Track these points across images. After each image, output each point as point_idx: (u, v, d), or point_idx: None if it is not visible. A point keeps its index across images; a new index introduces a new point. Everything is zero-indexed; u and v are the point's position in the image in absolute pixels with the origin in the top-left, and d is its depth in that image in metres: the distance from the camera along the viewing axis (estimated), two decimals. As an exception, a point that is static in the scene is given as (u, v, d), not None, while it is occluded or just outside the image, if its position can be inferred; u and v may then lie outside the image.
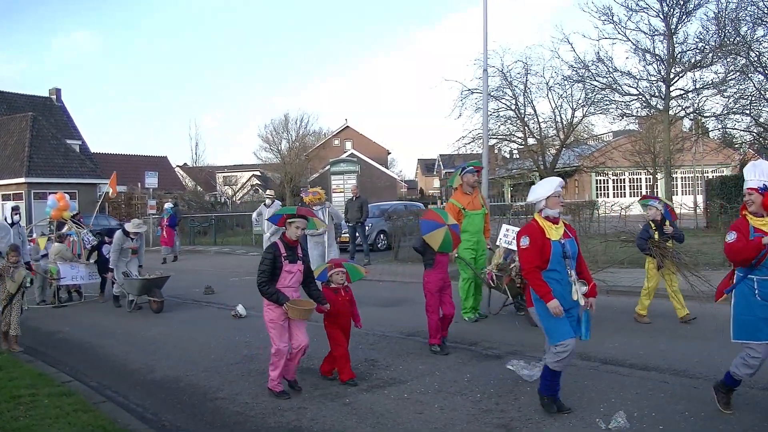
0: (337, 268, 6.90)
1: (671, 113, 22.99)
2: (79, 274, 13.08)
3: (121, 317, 11.59)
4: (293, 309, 6.24)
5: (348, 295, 6.95)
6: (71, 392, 6.59)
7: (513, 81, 25.90)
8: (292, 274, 6.40)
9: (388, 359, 7.70)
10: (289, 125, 53.07)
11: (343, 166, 25.20)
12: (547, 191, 5.53)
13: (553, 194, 5.50)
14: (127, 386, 7.13)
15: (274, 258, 6.29)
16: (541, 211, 5.55)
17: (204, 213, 37.42)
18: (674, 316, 9.06)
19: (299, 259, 6.46)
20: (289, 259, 6.35)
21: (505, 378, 6.68)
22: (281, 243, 6.40)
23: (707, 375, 6.41)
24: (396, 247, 19.56)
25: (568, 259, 5.39)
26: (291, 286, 6.41)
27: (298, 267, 6.44)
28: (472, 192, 9.82)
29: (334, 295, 6.81)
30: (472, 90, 25.42)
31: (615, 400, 5.83)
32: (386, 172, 55.32)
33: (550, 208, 5.50)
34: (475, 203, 9.78)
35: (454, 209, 9.57)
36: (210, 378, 7.26)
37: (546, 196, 5.52)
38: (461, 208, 9.64)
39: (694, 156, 29.45)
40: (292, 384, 6.65)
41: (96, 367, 8.03)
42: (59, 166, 34.90)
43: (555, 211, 5.50)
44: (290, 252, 6.39)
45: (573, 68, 24.21)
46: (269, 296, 6.26)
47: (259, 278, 6.27)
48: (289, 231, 6.43)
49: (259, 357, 8.06)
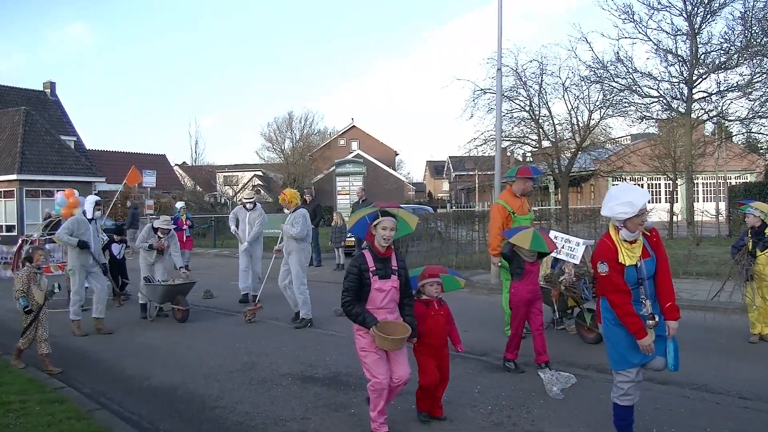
0: (431, 278, 5.87)
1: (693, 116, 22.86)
2: None
3: (115, 321, 11.58)
4: (381, 337, 5.18)
5: (443, 310, 5.89)
6: (63, 399, 6.58)
7: (527, 81, 25.78)
8: (385, 292, 5.34)
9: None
10: (293, 124, 53.38)
11: (348, 167, 25.25)
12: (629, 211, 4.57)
13: (635, 216, 4.61)
14: (121, 393, 7.12)
15: (359, 273, 5.30)
16: (618, 228, 4.78)
17: (203, 214, 37.47)
18: (694, 327, 8.99)
19: (393, 272, 5.40)
20: (380, 274, 5.32)
21: (517, 389, 6.65)
22: (369, 254, 5.39)
23: (729, 390, 6.38)
24: (404, 251, 19.53)
25: (642, 284, 4.72)
26: (384, 307, 5.36)
27: (392, 283, 5.37)
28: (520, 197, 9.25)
29: (425, 309, 5.78)
30: (484, 90, 25.33)
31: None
32: (394, 174, 55.38)
33: (629, 231, 4.70)
34: (524, 208, 9.22)
35: (504, 212, 9.00)
36: (209, 386, 7.25)
37: (627, 216, 4.61)
38: (511, 211, 9.00)
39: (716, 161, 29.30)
40: None
41: (90, 373, 8.03)
42: (53, 162, 34.87)
43: (633, 234, 4.71)
44: (381, 265, 5.35)
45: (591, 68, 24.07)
46: (355, 318, 5.30)
47: (343, 298, 5.33)
48: (378, 236, 5.38)
49: (261, 364, 8.06)
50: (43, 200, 32.80)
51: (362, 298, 5.33)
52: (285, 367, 7.94)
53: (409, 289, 5.56)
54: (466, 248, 18.79)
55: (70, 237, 10.24)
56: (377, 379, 5.29)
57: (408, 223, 5.88)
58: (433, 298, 5.85)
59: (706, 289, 9.00)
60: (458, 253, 18.20)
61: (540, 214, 23.49)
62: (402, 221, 5.64)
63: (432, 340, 5.74)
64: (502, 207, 9.05)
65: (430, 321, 5.74)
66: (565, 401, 6.29)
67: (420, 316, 5.65)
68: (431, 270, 5.98)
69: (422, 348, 5.75)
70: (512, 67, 25.43)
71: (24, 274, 8.01)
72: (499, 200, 9.28)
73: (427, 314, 5.74)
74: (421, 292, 5.87)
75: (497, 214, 8.97)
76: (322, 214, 20.04)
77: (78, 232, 10.29)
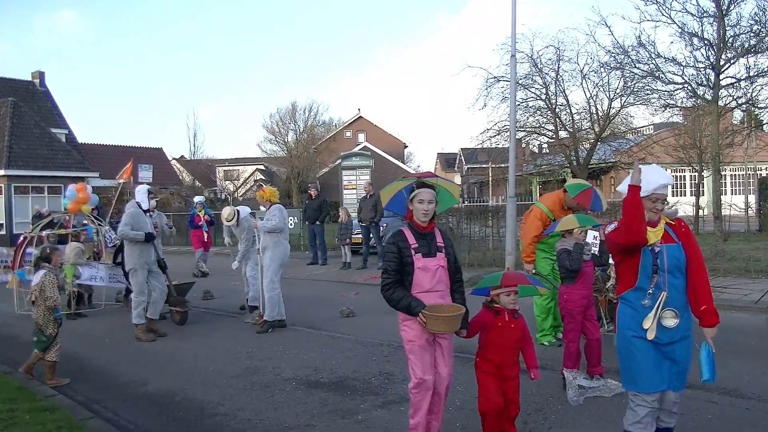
0: (507, 287, 5.13)
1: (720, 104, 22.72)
2: (98, 275, 12.28)
3: (110, 324, 11.62)
4: (433, 318, 4.67)
5: (515, 323, 5.16)
6: (55, 407, 6.58)
7: (543, 68, 25.75)
8: (431, 272, 4.86)
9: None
10: (297, 115, 53.38)
11: (355, 161, 25.20)
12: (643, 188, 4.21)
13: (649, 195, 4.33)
14: (116, 401, 7.12)
15: (399, 251, 4.86)
16: None
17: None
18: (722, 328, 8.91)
19: (439, 249, 4.94)
20: (423, 251, 4.86)
21: (534, 394, 6.63)
22: (409, 229, 4.95)
23: (761, 395, 6.34)
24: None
25: (658, 273, 4.27)
26: (433, 290, 4.87)
27: (438, 261, 4.90)
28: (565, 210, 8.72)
29: (492, 318, 5.12)
30: (498, 78, 25.31)
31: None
32: (403, 167, 55.26)
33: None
34: (563, 213, 8.58)
35: (544, 219, 8.55)
36: (208, 392, 7.25)
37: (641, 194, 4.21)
38: (552, 220, 8.47)
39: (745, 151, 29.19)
40: None
41: (82, 380, 8.03)
42: (43, 157, 34.87)
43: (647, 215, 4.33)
44: (423, 241, 4.91)
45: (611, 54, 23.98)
46: (396, 303, 4.81)
47: (383, 280, 4.90)
48: (416, 211, 4.92)
49: (263, 369, 8.06)
50: (32, 197, 32.91)
51: (404, 281, 4.87)
52: (288, 371, 7.94)
53: (458, 272, 5.05)
54: (479, 245, 18.77)
55: (136, 232, 9.99)
56: (423, 378, 4.90)
57: (450, 193, 5.32)
58: (505, 308, 5.13)
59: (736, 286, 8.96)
60: (471, 250, 18.17)
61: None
62: (443, 192, 5.14)
63: (494, 355, 5.07)
64: (543, 214, 8.58)
65: (495, 333, 5.09)
66: (585, 407, 6.26)
67: (488, 328, 5.10)
68: (510, 279, 5.23)
69: (482, 364, 5.14)
70: (527, 54, 25.39)
71: (51, 279, 7.74)
72: (541, 204, 8.72)
73: (493, 324, 5.10)
74: (494, 300, 5.20)
75: (536, 221, 8.55)
76: (327, 210, 20.05)
77: (137, 226, 10.02)
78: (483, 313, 5.18)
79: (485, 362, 5.11)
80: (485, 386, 5.07)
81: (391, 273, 4.86)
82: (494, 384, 5.05)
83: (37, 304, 7.69)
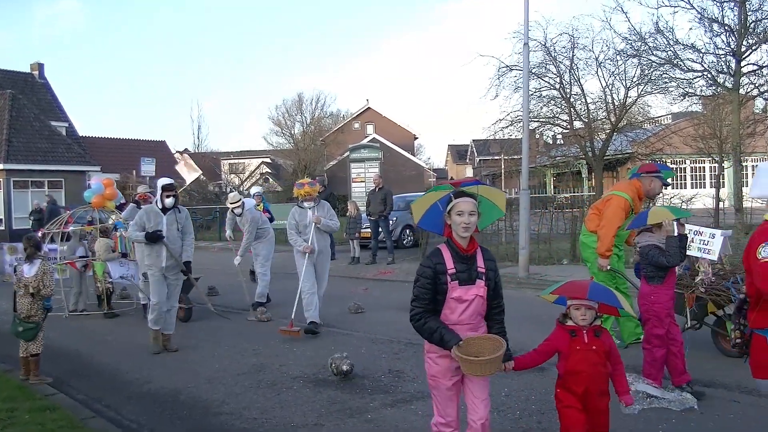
0: (578, 298, 4.48)
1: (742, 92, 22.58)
2: (129, 273, 11.97)
3: (112, 321, 11.66)
4: (467, 360, 4.08)
5: (598, 344, 4.47)
6: (55, 406, 6.61)
7: (557, 56, 25.56)
8: (466, 303, 4.26)
9: (416, 370, 7.65)
10: (304, 106, 53.43)
11: (364, 153, 25.23)
12: None
13: None
14: (119, 399, 7.15)
15: (434, 276, 4.25)
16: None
17: (207, 205, 37.59)
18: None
19: (479, 276, 4.30)
20: (461, 278, 4.24)
21: (549, 393, 6.59)
22: (448, 249, 4.31)
23: (784, 393, 6.29)
24: (424, 244, 19.48)
25: None
26: (464, 323, 4.29)
27: (476, 290, 4.27)
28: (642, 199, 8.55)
29: (569, 341, 4.48)
30: (510, 66, 25.14)
31: (675, 421, 5.74)
32: (412, 159, 55.26)
33: None
34: (640, 204, 8.44)
35: (627, 210, 8.13)
36: (213, 390, 7.27)
37: None
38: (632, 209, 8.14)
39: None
40: None
41: (84, 378, 8.08)
42: (43, 150, 34.82)
43: None
44: (463, 265, 4.27)
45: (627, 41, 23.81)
46: (429, 335, 4.26)
47: (413, 309, 4.35)
48: (455, 225, 4.24)
49: (269, 366, 8.07)
50: (32, 191, 32.93)
51: (435, 309, 4.31)
52: (296, 369, 7.95)
53: (497, 296, 4.42)
54: (491, 239, 18.72)
55: (139, 233, 9.14)
56: (444, 421, 4.39)
57: (494, 203, 4.57)
58: (583, 326, 4.48)
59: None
60: (483, 244, 18.09)
61: (572, 201, 23.37)
62: (485, 202, 4.45)
63: (576, 385, 4.44)
64: (628, 204, 8.13)
65: (576, 358, 4.43)
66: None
67: (565, 350, 4.48)
68: (574, 288, 4.58)
69: (563, 396, 4.53)
70: (540, 42, 25.22)
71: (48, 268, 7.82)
72: (623, 194, 8.25)
73: (571, 348, 4.45)
74: (568, 316, 4.57)
75: (620, 211, 8.12)
76: (335, 204, 20.04)
77: (149, 224, 9.14)
78: (556, 334, 4.55)
79: (566, 394, 4.50)
80: (568, 420, 4.49)
81: (422, 301, 4.30)
82: (579, 418, 4.44)
83: (26, 294, 7.63)
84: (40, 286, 7.61)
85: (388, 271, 16.84)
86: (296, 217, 10.09)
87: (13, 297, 7.80)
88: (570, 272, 14.25)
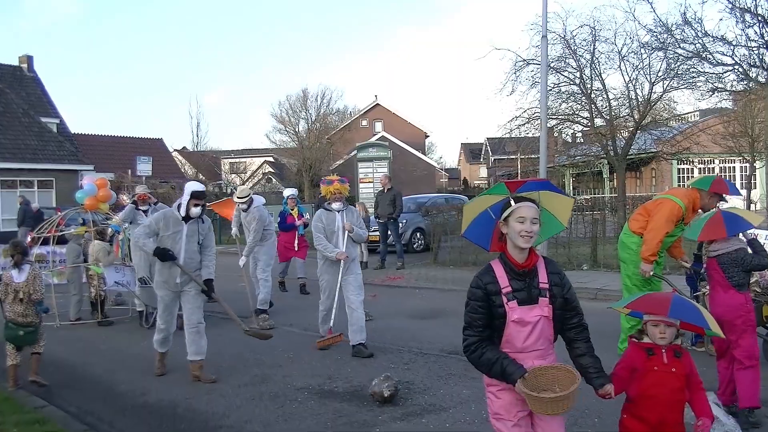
0: (655, 313, 4.12)
1: (775, 87, 22.53)
2: (125, 279, 11.77)
3: (106, 329, 11.67)
4: (535, 398, 3.65)
5: (677, 365, 4.10)
6: (45, 419, 6.61)
7: (577, 49, 25.54)
8: (529, 326, 3.83)
9: (426, 381, 7.65)
10: (309, 102, 53.32)
11: (372, 152, 25.24)
12: None
13: None
14: (113, 412, 7.15)
15: (485, 298, 3.85)
16: None
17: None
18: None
19: (542, 293, 3.87)
20: (520, 298, 3.83)
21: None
22: (501, 265, 3.91)
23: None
24: (435, 247, 19.50)
25: None
26: (533, 349, 3.87)
27: (540, 311, 3.84)
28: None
29: (645, 360, 4.11)
30: (527, 60, 25.14)
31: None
32: (423, 158, 55.28)
33: None
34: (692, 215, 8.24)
35: (679, 214, 8.00)
36: (213, 402, 7.27)
37: None
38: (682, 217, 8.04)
39: (801, 140, 28.86)
40: None
41: (76, 389, 8.07)
42: (32, 148, 34.94)
43: None
44: (521, 282, 3.86)
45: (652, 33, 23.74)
46: (488, 368, 3.83)
47: (465, 338, 3.91)
48: (512, 232, 3.82)
49: (273, 377, 8.07)
50: (21, 191, 33.00)
51: (492, 336, 3.90)
52: (300, 380, 7.95)
53: (575, 312, 3.96)
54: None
55: (148, 241, 8.21)
56: None
57: (554, 214, 4.13)
58: (662, 344, 4.11)
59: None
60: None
61: (593, 203, 23.31)
62: (545, 213, 4.01)
63: (649, 412, 4.05)
64: (680, 211, 8.00)
65: (652, 380, 4.05)
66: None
67: (641, 371, 4.09)
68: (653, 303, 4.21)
69: (631, 424, 4.13)
70: (560, 34, 25.21)
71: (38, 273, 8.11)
72: (680, 200, 8.09)
73: (646, 368, 4.08)
74: (644, 332, 4.23)
75: (672, 216, 8.01)
76: None
77: (165, 232, 8.20)
78: (631, 351, 4.20)
79: (636, 422, 4.10)
80: None
81: (476, 328, 3.86)
82: None
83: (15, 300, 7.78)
84: (31, 290, 7.75)
85: (397, 276, 16.84)
86: (323, 220, 9.43)
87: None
88: (590, 278, 14.23)
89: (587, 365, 3.85)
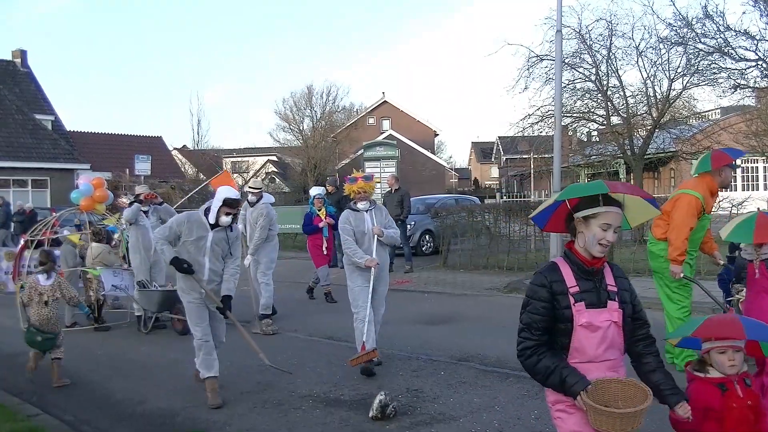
0: (731, 337, 3.77)
1: (800, 84, 22.48)
2: (123, 283, 11.75)
3: (102, 335, 11.67)
4: (598, 411, 3.41)
5: (754, 397, 3.82)
6: (39, 428, 6.62)
7: (593, 45, 25.52)
8: (599, 331, 3.61)
9: (436, 389, 7.63)
10: (314, 100, 53.44)
11: (379, 151, 25.24)
12: None
13: None
14: (110, 421, 7.16)
15: (550, 299, 3.64)
16: None
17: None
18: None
19: (611, 296, 3.67)
20: (588, 300, 3.62)
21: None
22: (567, 263, 3.73)
23: None
24: (445, 250, 19.47)
25: None
26: (605, 359, 3.65)
27: (610, 315, 3.63)
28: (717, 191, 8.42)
29: (719, 396, 3.77)
30: (541, 56, 25.12)
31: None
32: (433, 158, 55.32)
33: None
34: (711, 206, 8.31)
35: (699, 209, 7.92)
36: (214, 411, 7.26)
37: None
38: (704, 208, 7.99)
39: (827, 139, 28.76)
40: None
41: (71, 397, 8.07)
42: (26, 146, 35.04)
43: None
44: (589, 282, 3.67)
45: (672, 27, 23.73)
46: (545, 377, 3.62)
47: (520, 341, 3.70)
48: (590, 236, 3.63)
49: (276, 384, 8.06)
50: (15, 191, 33.08)
51: (556, 342, 3.68)
52: (305, 387, 7.93)
53: (643, 322, 3.77)
54: (519, 246, 18.65)
55: (166, 246, 7.63)
56: None
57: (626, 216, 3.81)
58: (732, 374, 3.77)
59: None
60: (510, 252, 18.09)
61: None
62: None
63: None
64: (699, 203, 7.91)
65: (733, 420, 3.70)
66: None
67: (709, 407, 3.74)
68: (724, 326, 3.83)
69: None
70: (575, 29, 25.20)
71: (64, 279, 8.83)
72: (694, 192, 8.00)
73: (725, 408, 3.72)
74: (706, 362, 3.87)
75: (691, 209, 7.91)
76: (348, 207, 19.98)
77: (188, 237, 7.64)
78: (700, 390, 3.81)
79: None
80: None
81: (535, 331, 3.63)
82: None
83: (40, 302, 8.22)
84: (58, 294, 8.36)
85: (405, 280, 16.82)
86: (351, 222, 8.81)
87: (21, 307, 8.45)
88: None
89: (659, 382, 3.59)
